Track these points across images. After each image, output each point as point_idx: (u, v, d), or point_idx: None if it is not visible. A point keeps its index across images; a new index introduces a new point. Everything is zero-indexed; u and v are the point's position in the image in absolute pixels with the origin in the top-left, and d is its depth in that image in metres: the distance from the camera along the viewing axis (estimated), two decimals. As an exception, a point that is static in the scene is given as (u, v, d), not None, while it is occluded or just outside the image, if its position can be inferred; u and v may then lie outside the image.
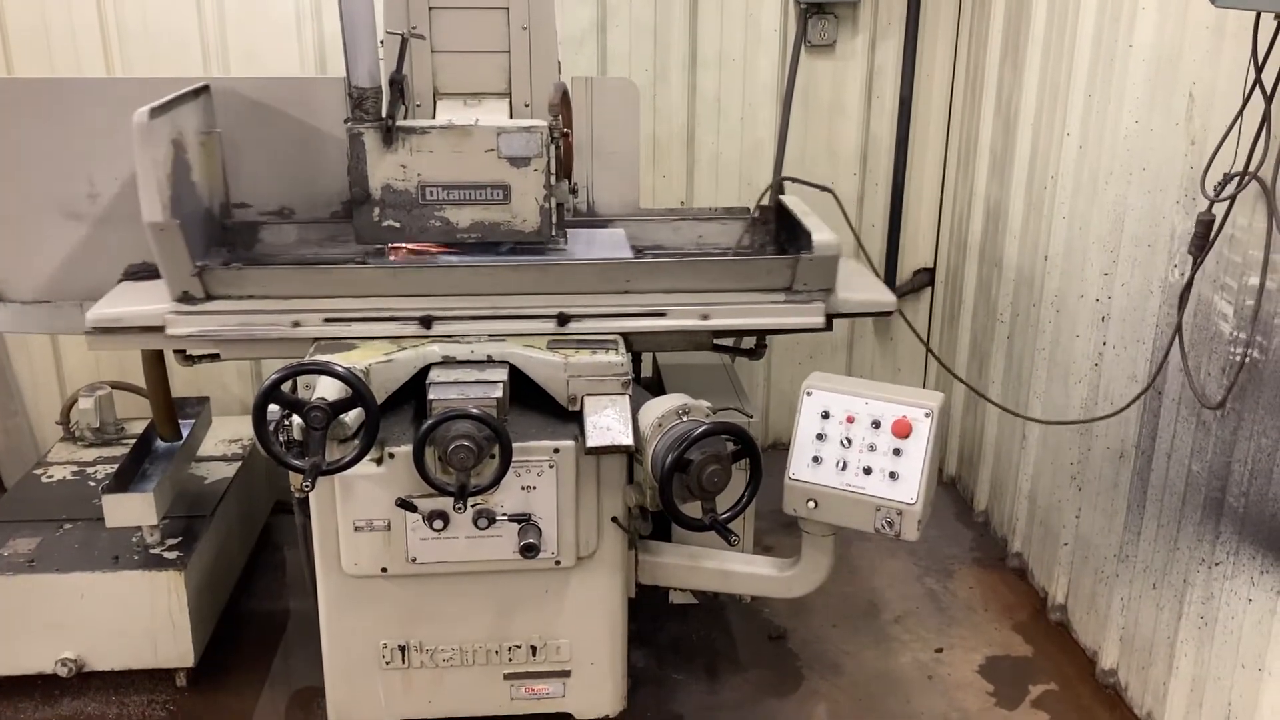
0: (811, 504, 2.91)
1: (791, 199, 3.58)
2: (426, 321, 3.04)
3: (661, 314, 3.11)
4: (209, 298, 3.05)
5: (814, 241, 3.12)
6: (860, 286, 3.34)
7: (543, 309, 3.07)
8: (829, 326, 3.21)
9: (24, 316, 3.46)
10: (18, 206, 3.40)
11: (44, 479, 4.06)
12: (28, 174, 3.36)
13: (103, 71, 4.59)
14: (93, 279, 3.35)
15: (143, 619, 3.46)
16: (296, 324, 3.03)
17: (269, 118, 3.51)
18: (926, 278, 5.25)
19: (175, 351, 3.31)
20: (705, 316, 3.12)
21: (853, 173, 5.06)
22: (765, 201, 3.79)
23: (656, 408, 2.87)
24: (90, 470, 4.12)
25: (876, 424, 2.86)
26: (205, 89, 3.39)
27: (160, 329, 3.03)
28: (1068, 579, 3.98)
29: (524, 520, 2.88)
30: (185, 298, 3.04)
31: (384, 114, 3.06)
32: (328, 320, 3.03)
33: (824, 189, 3.89)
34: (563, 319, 3.07)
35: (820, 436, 2.90)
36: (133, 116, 2.86)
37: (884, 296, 3.32)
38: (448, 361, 2.96)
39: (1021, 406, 4.28)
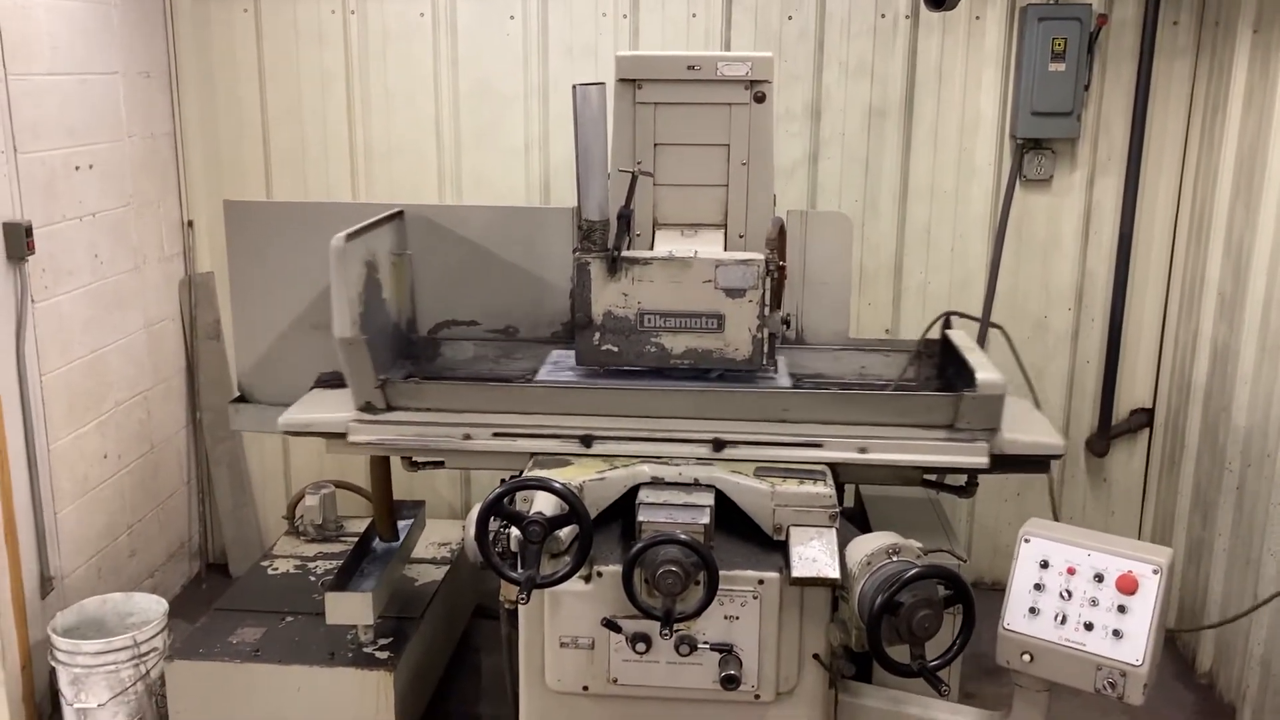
0: (1026, 657, 2.79)
1: (958, 334, 3.54)
2: (587, 440, 3.13)
3: (818, 444, 3.10)
4: (389, 408, 3.24)
5: (978, 380, 3.06)
6: (1028, 428, 3.24)
7: (698, 434, 3.12)
8: (994, 468, 3.11)
9: (263, 417, 3.72)
10: (271, 317, 3.71)
11: (269, 570, 4.32)
12: (281, 288, 3.67)
13: (348, 191, 4.99)
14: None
15: (351, 715, 3.59)
16: (467, 436, 3.18)
17: (499, 242, 3.73)
18: (1144, 418, 5.01)
19: (402, 458, 3.51)
20: (863, 450, 3.10)
21: (1067, 308, 4.93)
22: (932, 335, 3.70)
23: (865, 544, 2.83)
24: (311, 565, 4.36)
25: (1099, 577, 2.73)
26: (400, 214, 3.66)
27: (343, 435, 3.23)
28: (1308, 758, 3.65)
29: (725, 650, 2.87)
30: (368, 407, 3.23)
31: (610, 245, 3.21)
32: (496, 434, 3.17)
33: (994, 326, 3.76)
34: (718, 444, 3.10)
35: (1038, 586, 2.79)
36: (330, 240, 3.09)
37: (1053, 440, 3.20)
38: (656, 482, 3.01)
39: (1253, 563, 3.99)
